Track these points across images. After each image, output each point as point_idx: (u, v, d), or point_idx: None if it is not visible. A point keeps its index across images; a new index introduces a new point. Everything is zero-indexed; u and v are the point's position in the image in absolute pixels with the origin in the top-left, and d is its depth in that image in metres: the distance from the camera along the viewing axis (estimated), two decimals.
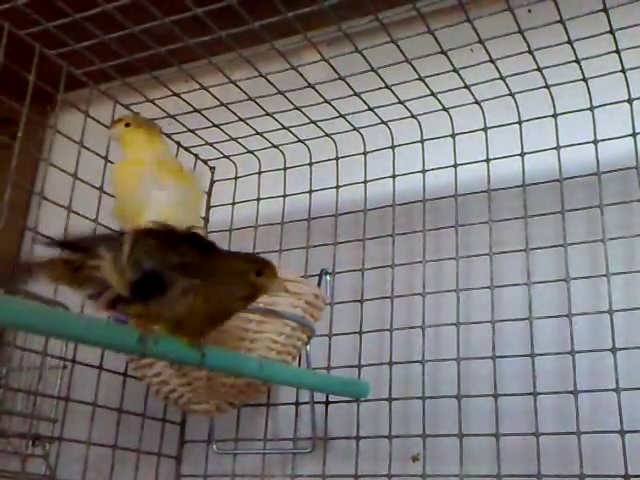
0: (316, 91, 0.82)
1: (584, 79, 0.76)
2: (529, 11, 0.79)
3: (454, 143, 0.83)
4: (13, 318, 0.42)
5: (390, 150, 0.87)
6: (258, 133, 0.91)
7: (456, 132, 0.84)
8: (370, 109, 0.85)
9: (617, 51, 0.72)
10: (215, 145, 0.94)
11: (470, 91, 0.80)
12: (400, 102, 0.83)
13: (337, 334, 0.83)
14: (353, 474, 0.77)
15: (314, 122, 0.88)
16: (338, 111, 0.86)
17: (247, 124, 0.89)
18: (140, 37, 0.73)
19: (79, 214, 0.79)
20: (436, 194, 0.83)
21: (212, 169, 1.00)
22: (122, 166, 0.77)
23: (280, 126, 0.89)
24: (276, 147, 0.93)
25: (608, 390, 0.68)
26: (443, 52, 0.74)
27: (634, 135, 0.74)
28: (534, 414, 0.70)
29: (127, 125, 0.78)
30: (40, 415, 0.84)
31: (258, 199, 0.94)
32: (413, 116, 0.85)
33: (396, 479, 0.76)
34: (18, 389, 0.85)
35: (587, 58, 0.74)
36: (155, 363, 0.66)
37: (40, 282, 0.59)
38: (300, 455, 0.82)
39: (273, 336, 0.66)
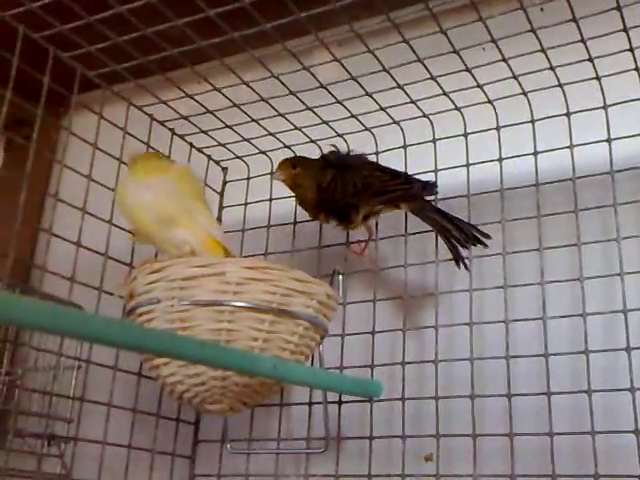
0: (328, 91, 0.82)
1: (597, 77, 0.76)
2: (541, 10, 0.78)
3: (466, 142, 0.83)
4: (28, 319, 0.42)
5: (402, 150, 0.87)
6: (270, 134, 0.91)
7: (468, 131, 0.84)
8: (382, 109, 0.85)
9: (631, 49, 0.71)
10: (227, 146, 0.95)
11: (482, 90, 0.80)
12: (412, 102, 0.83)
13: (350, 334, 0.83)
14: (366, 474, 0.77)
15: (326, 122, 0.88)
16: (350, 111, 0.86)
17: (259, 125, 0.89)
18: (153, 39, 0.73)
19: (94, 215, 0.80)
20: (448, 194, 0.82)
21: (224, 170, 1.00)
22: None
23: (292, 126, 0.89)
24: (288, 147, 0.93)
25: (622, 390, 0.68)
26: (455, 51, 0.74)
27: None
28: (548, 414, 0.70)
29: None
30: (55, 415, 0.85)
31: (270, 199, 0.94)
32: (425, 116, 0.85)
33: (409, 479, 0.76)
34: (33, 389, 0.86)
35: (600, 57, 0.73)
36: (170, 363, 0.66)
37: None
38: (313, 455, 0.82)
39: (286, 336, 0.66)
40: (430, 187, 0.80)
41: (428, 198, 0.81)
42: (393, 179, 0.81)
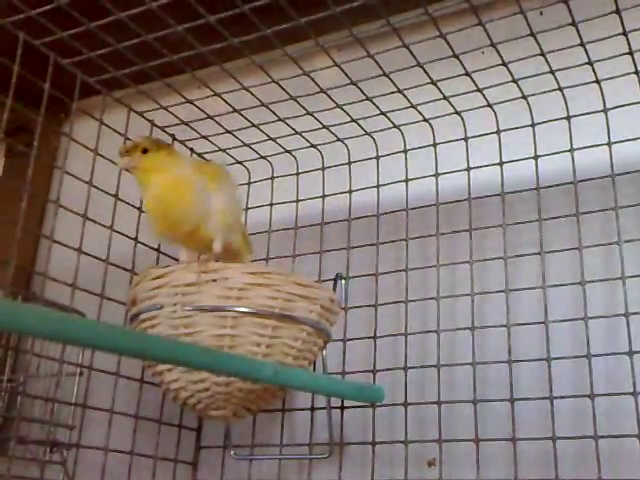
0: (328, 96, 0.82)
1: (597, 81, 0.76)
2: (541, 13, 0.78)
3: (467, 146, 0.83)
4: (30, 326, 0.42)
5: (403, 154, 0.87)
6: (271, 139, 0.91)
7: (469, 135, 0.84)
8: (382, 113, 0.85)
9: (630, 53, 0.71)
10: (228, 151, 0.95)
11: (482, 94, 0.80)
12: (412, 106, 0.83)
13: (351, 339, 0.83)
14: None
15: (326, 127, 0.88)
16: (350, 116, 0.86)
17: (260, 130, 0.89)
18: (153, 45, 0.73)
19: (95, 221, 0.80)
20: (449, 198, 0.82)
21: None
22: (165, 185, 0.70)
23: (293, 131, 0.89)
24: (289, 152, 0.93)
25: (625, 394, 0.68)
26: (455, 55, 0.74)
27: None
28: (551, 418, 0.69)
29: (145, 151, 0.71)
30: (58, 422, 0.85)
31: (271, 204, 0.94)
32: (426, 120, 0.85)
33: None
34: (36, 396, 0.86)
35: (600, 60, 0.73)
36: (173, 369, 0.66)
37: None
38: (317, 460, 0.82)
39: (289, 341, 0.66)
40: None
41: None
42: None
